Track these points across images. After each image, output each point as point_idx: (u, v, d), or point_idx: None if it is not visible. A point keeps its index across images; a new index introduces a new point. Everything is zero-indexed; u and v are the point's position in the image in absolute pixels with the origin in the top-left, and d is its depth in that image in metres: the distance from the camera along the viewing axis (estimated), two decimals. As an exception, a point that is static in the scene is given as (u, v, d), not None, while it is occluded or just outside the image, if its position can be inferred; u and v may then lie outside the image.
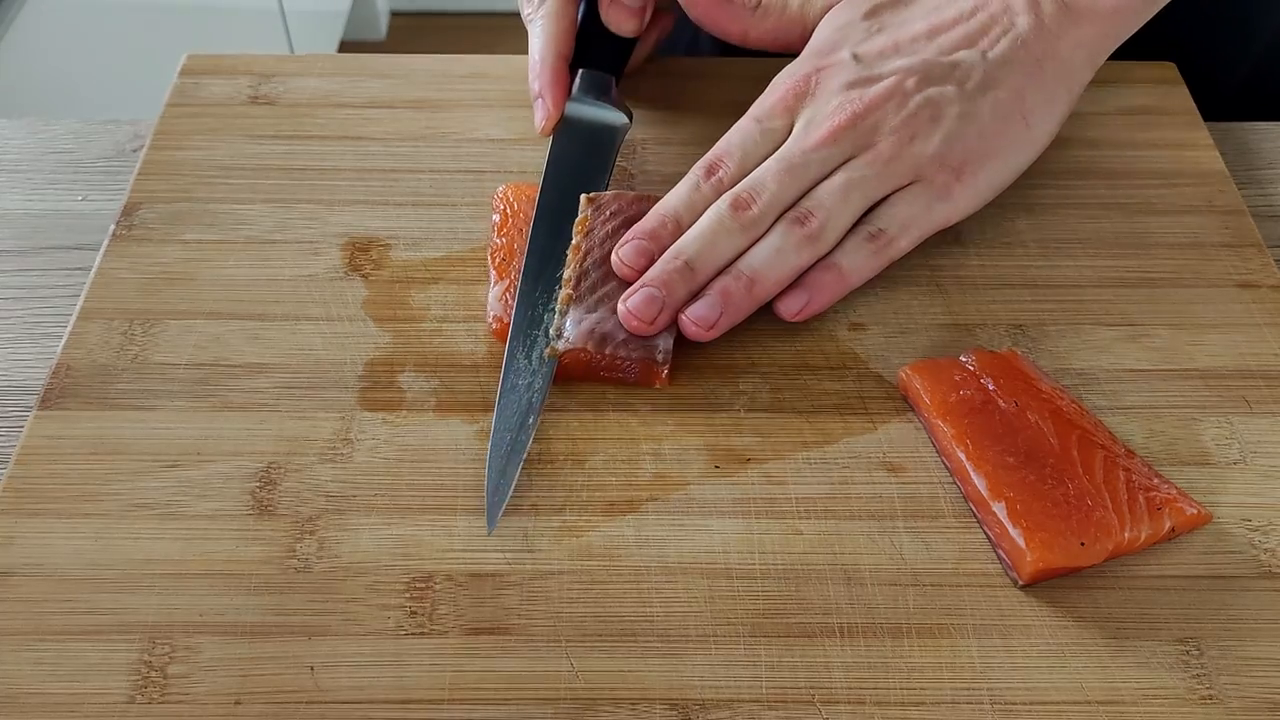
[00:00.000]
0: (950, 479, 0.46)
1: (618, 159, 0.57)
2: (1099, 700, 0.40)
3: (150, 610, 0.42)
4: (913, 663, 0.41)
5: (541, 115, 0.57)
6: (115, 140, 0.62)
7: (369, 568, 0.43)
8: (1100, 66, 0.55)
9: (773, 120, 0.53)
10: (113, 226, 0.55)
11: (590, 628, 0.42)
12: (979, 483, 0.44)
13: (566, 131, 0.57)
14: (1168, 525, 0.44)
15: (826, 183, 0.50)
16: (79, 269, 0.55)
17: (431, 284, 0.53)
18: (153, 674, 0.40)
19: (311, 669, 0.41)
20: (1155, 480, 0.45)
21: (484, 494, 0.45)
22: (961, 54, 0.52)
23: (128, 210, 0.56)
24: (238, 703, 0.40)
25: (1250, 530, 0.45)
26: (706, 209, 0.50)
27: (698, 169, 0.52)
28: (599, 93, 0.58)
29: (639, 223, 0.51)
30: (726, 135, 0.53)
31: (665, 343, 0.49)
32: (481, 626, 0.42)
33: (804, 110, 0.52)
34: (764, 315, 0.52)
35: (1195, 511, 0.44)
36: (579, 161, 0.55)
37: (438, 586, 0.43)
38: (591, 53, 0.59)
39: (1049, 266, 0.54)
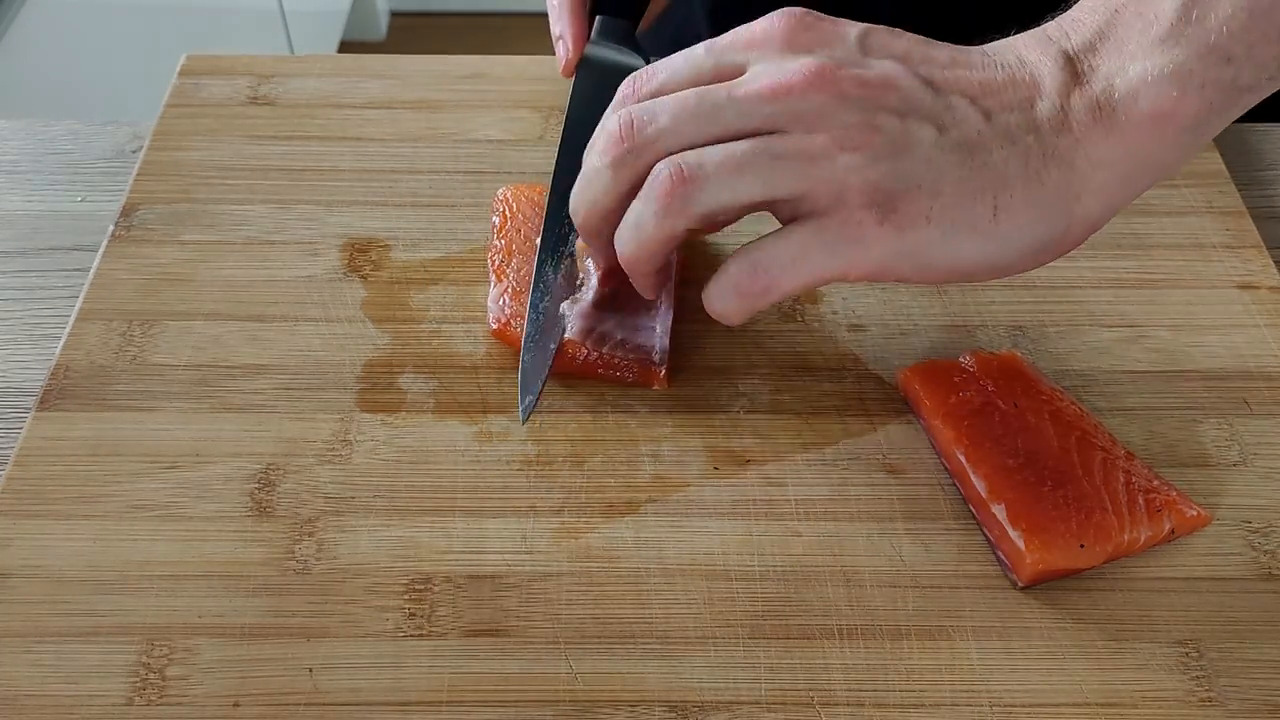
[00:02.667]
0: (950, 480, 0.46)
1: None
2: (1098, 702, 0.40)
3: (149, 612, 0.42)
4: (912, 665, 0.41)
5: (562, 55, 0.57)
6: (115, 141, 0.62)
7: (368, 569, 0.43)
8: (1114, 212, 0.43)
9: (727, 53, 0.44)
10: (112, 227, 0.55)
11: (589, 629, 0.42)
12: (978, 484, 0.44)
13: (587, 73, 0.56)
14: (1167, 527, 0.44)
15: (722, 146, 0.42)
16: (78, 270, 0.55)
17: (430, 285, 0.53)
18: (151, 676, 0.40)
19: (310, 671, 0.41)
20: (1155, 482, 0.45)
21: (486, 492, 0.45)
22: (962, 102, 0.43)
23: (126, 211, 0.56)
24: (236, 704, 0.40)
25: (1250, 532, 0.45)
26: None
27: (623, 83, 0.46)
28: (618, 37, 0.58)
29: None
30: (672, 55, 0.46)
31: (662, 343, 0.49)
32: (480, 628, 0.42)
33: (768, 56, 0.43)
34: (764, 316, 0.52)
35: (1195, 513, 0.44)
36: (600, 103, 0.55)
37: (436, 588, 0.43)
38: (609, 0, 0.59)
39: (1049, 267, 0.54)
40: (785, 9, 0.45)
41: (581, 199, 0.45)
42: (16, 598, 0.42)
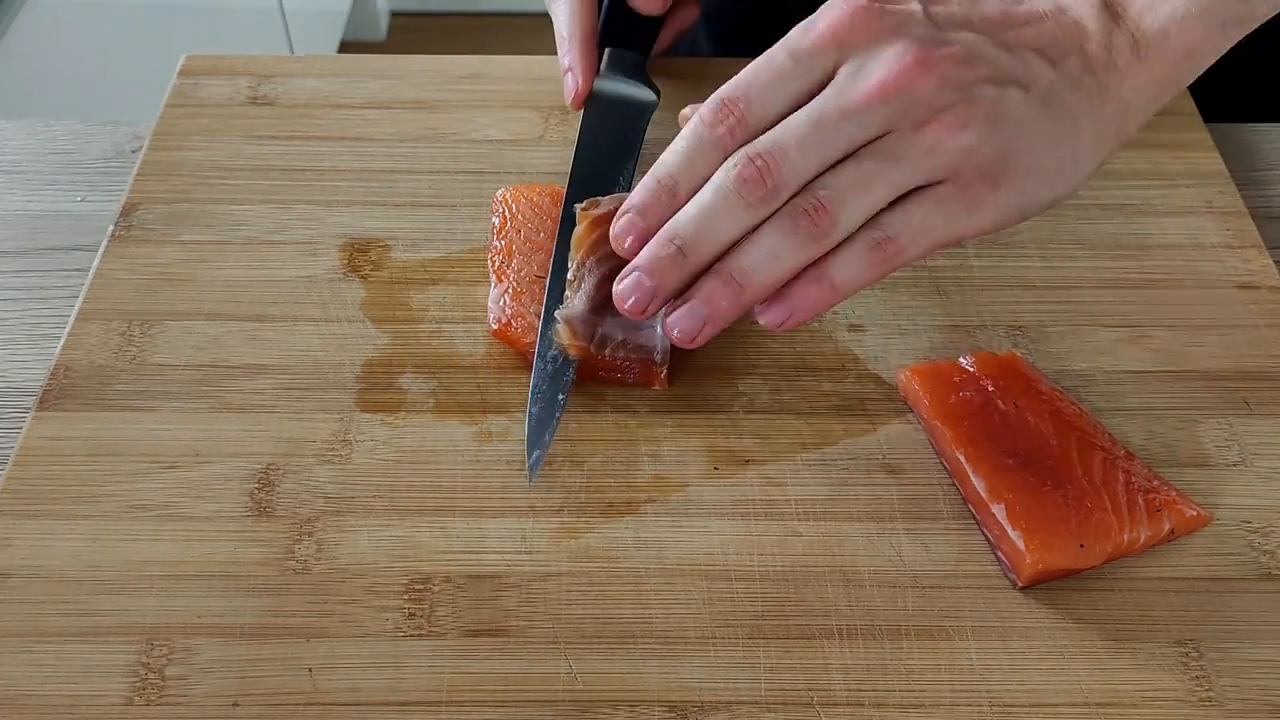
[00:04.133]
0: (949, 480, 0.46)
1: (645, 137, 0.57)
2: (1098, 702, 0.40)
3: (148, 612, 0.42)
4: (911, 665, 0.41)
5: (571, 88, 0.57)
6: (114, 141, 0.62)
7: (367, 569, 0.43)
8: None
9: (813, 56, 0.43)
10: (111, 227, 0.55)
11: (589, 629, 0.42)
12: (978, 484, 0.44)
13: (596, 107, 0.57)
14: (1167, 527, 0.44)
15: (849, 167, 0.43)
16: (78, 270, 0.55)
17: (430, 285, 0.53)
18: (151, 676, 0.40)
19: (310, 671, 0.41)
20: (1155, 482, 0.45)
21: (485, 492, 0.45)
22: (1032, 57, 0.45)
23: (126, 211, 0.56)
24: (236, 704, 0.40)
25: (1250, 532, 0.45)
26: (711, 171, 0.43)
27: (703, 112, 0.44)
28: (628, 70, 0.58)
29: (633, 192, 0.45)
30: (749, 67, 0.44)
31: (664, 343, 0.49)
32: (480, 628, 0.42)
33: (855, 52, 0.43)
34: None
35: (1195, 513, 0.44)
36: (609, 137, 0.55)
37: (436, 588, 0.43)
38: (618, 31, 0.59)
39: (1049, 267, 0.54)
40: None
41: (705, 235, 0.43)
42: (16, 598, 0.42)
